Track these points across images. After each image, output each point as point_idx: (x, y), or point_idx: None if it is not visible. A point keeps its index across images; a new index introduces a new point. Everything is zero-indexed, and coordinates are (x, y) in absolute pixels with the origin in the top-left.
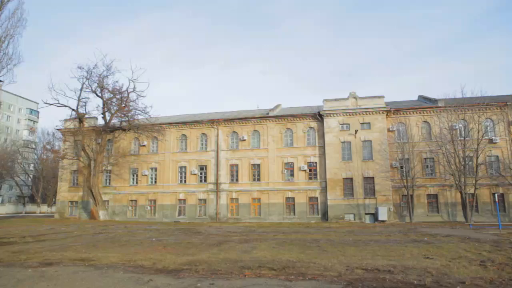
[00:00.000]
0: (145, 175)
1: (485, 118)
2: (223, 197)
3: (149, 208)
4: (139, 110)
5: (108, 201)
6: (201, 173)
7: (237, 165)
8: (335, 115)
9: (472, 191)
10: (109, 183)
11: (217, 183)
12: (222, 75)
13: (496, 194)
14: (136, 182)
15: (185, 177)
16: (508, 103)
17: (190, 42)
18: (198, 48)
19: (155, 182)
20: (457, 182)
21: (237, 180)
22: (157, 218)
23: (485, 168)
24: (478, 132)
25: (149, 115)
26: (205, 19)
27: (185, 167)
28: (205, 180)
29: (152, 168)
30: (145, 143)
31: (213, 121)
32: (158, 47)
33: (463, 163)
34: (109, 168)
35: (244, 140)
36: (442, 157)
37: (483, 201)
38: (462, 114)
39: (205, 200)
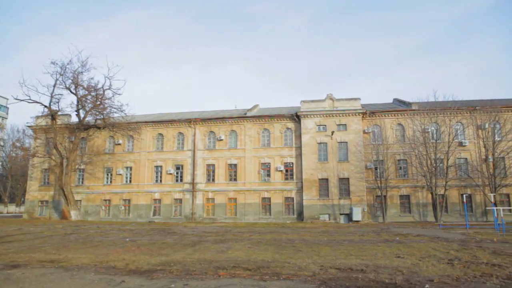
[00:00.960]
0: (120, 174)
1: (456, 121)
2: (199, 197)
3: (123, 208)
4: (114, 108)
5: (80, 200)
6: (177, 173)
7: (213, 165)
8: (312, 116)
9: (442, 192)
10: (82, 182)
11: (193, 183)
12: (201, 74)
13: (464, 195)
14: (110, 182)
15: (160, 177)
16: (477, 107)
17: (169, 41)
18: (177, 47)
19: (130, 181)
20: (428, 183)
21: (213, 180)
22: (131, 218)
23: (455, 170)
24: (449, 135)
25: (125, 113)
26: (186, 18)
27: (161, 166)
28: (181, 180)
29: (127, 167)
30: (121, 141)
31: (190, 121)
32: (137, 45)
33: (434, 165)
34: (82, 167)
35: (221, 140)
36: (415, 159)
37: (452, 202)
38: (435, 118)
39: (180, 200)
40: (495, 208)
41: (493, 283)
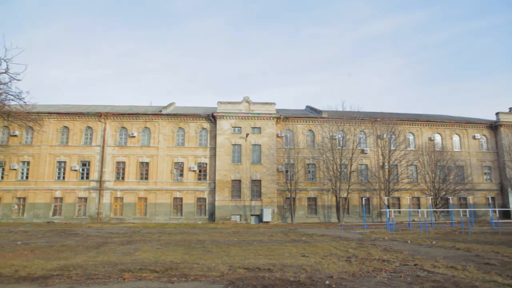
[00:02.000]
0: (14, 169)
1: (360, 130)
2: (107, 196)
3: (16, 207)
4: (11, 94)
5: None
6: (83, 170)
7: (124, 163)
8: (228, 117)
9: (345, 195)
10: None
11: (100, 181)
12: (114, 68)
13: (363, 198)
14: (2, 177)
15: (64, 173)
16: (377, 119)
17: (81, 29)
18: (90, 37)
19: (27, 177)
20: (333, 187)
21: (123, 178)
22: (26, 219)
23: (357, 175)
24: (353, 143)
25: (25, 102)
26: (100, 8)
27: (64, 162)
28: (87, 177)
29: (23, 162)
30: (17, 133)
31: (100, 114)
32: (42, 30)
33: (339, 170)
34: None
35: (134, 136)
36: (323, 163)
37: (353, 204)
38: (342, 126)
39: (85, 199)
40: (388, 210)
41: (382, 277)
